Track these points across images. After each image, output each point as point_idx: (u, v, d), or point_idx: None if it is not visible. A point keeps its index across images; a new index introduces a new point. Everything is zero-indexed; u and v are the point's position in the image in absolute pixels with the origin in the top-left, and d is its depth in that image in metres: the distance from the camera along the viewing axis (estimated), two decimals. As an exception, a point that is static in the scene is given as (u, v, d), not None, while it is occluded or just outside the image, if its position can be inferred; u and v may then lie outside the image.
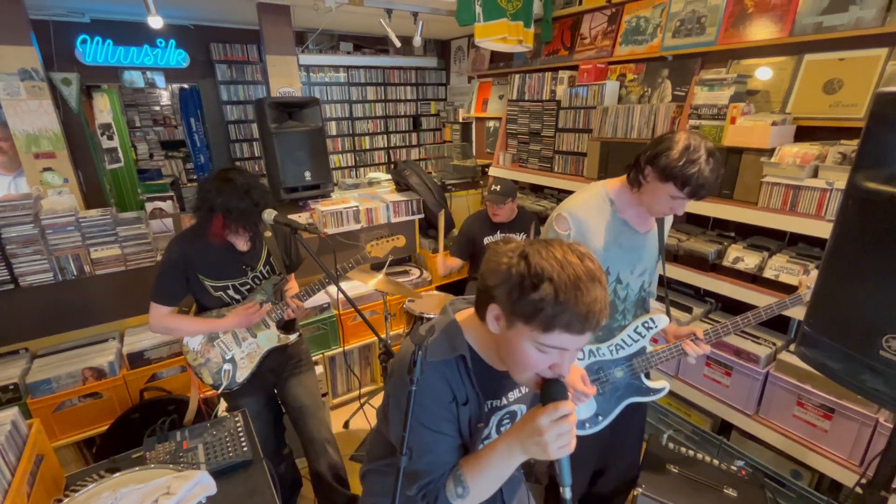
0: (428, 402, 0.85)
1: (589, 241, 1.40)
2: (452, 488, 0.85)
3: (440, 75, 6.16)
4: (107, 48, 4.05)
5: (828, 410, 1.76)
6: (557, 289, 0.71)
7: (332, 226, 2.90)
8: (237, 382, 1.70)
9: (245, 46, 4.79)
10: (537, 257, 0.74)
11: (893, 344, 0.88)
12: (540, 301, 0.71)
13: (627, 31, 2.77)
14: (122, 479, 1.15)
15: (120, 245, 2.26)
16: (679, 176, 1.22)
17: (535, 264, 0.73)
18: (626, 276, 1.48)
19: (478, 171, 3.96)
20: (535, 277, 0.72)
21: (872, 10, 1.79)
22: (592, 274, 0.74)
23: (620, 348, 1.51)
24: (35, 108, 2.99)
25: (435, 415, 0.86)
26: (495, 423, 0.98)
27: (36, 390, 2.01)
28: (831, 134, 1.93)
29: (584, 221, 1.40)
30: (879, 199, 0.88)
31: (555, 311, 0.71)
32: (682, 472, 1.69)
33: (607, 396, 1.53)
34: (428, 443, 0.86)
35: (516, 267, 0.75)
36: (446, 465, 0.88)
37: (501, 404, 0.96)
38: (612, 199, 1.43)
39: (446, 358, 0.87)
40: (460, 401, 0.88)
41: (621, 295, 1.49)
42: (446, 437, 0.87)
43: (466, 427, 0.91)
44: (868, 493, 1.13)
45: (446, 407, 0.87)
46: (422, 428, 0.85)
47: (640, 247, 1.47)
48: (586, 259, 0.76)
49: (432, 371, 0.85)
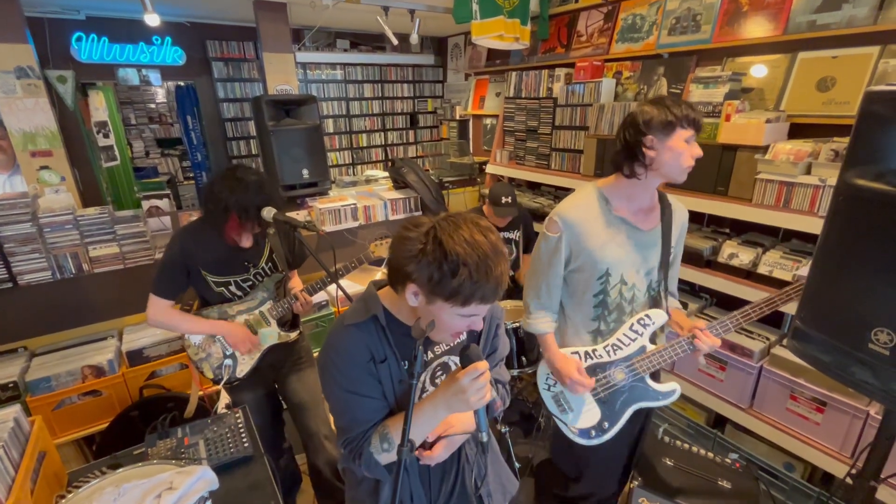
0: (345, 366, 0.93)
1: (583, 242, 1.36)
2: (378, 444, 0.93)
3: (437, 72, 6.16)
4: (102, 45, 4.04)
5: (820, 404, 1.79)
6: (472, 271, 0.79)
7: (330, 223, 2.91)
8: (237, 377, 1.71)
9: (242, 44, 4.78)
10: (450, 242, 0.80)
11: (882, 337, 0.90)
12: (459, 285, 0.80)
13: (623, 28, 2.78)
14: (124, 474, 1.16)
15: (118, 243, 2.27)
16: (682, 116, 1.23)
17: (449, 250, 0.80)
18: (630, 277, 1.39)
19: (475, 169, 3.98)
20: (451, 264, 0.80)
21: (865, 9, 1.81)
22: (496, 248, 0.83)
23: (617, 348, 1.42)
24: (31, 105, 2.98)
25: (352, 378, 0.93)
26: (428, 376, 1.05)
27: (35, 388, 2.01)
28: (824, 131, 1.95)
29: (575, 223, 1.36)
30: (869, 196, 0.90)
31: (472, 290, 0.81)
32: (677, 465, 1.71)
33: (610, 402, 1.45)
34: (347, 403, 0.94)
35: (432, 254, 0.81)
36: (367, 423, 0.95)
37: (428, 358, 1.03)
38: (607, 197, 1.38)
39: (361, 320, 0.94)
40: (378, 359, 0.94)
41: (627, 296, 1.41)
42: (364, 398, 0.94)
43: (390, 383, 0.96)
44: (858, 483, 1.16)
45: (363, 368, 0.93)
46: (341, 391, 0.93)
47: (643, 245, 1.39)
48: (489, 233, 0.84)
49: (348, 335, 0.94)
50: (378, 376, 0.95)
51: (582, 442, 1.48)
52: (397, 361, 0.96)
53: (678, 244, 1.49)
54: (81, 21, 3.92)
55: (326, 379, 0.96)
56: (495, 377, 1.11)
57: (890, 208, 0.87)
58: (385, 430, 0.93)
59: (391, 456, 0.92)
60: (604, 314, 1.43)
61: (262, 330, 1.72)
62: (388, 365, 0.95)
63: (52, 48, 3.75)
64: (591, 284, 1.40)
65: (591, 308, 1.44)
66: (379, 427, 0.95)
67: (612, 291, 1.40)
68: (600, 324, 1.45)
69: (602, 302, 1.42)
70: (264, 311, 1.72)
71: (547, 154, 3.09)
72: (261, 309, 1.72)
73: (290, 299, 1.72)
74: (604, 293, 1.40)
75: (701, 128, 1.28)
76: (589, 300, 1.43)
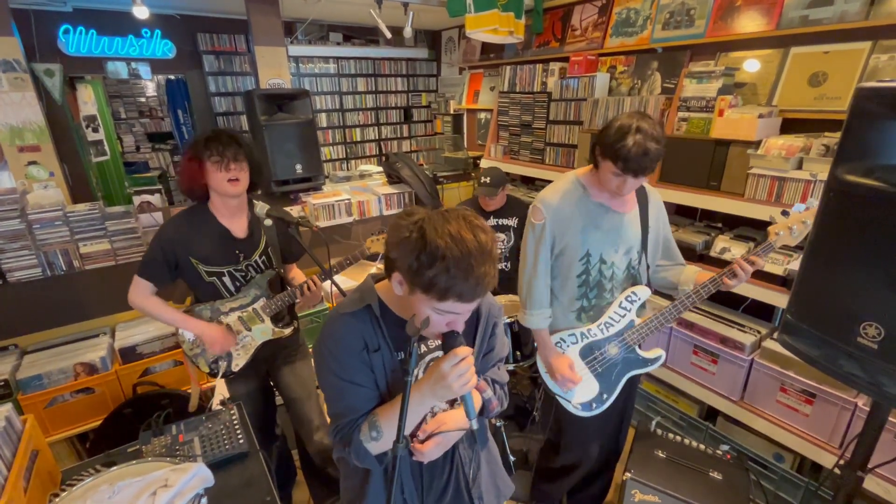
0: (339, 354, 0.94)
1: (565, 226, 1.47)
2: (367, 432, 0.93)
3: (431, 66, 6.13)
4: (90, 38, 3.97)
5: (809, 396, 1.82)
6: (450, 266, 0.78)
7: (323, 219, 2.90)
8: (232, 371, 1.72)
9: (233, 37, 4.72)
10: (433, 233, 0.80)
11: (870, 331, 0.91)
12: (434, 277, 0.79)
13: (618, 22, 2.78)
14: (119, 472, 1.16)
15: (109, 239, 2.24)
16: (619, 151, 1.28)
17: (430, 241, 0.79)
18: (609, 256, 1.50)
19: (469, 163, 3.97)
20: (429, 255, 0.79)
21: (857, 4, 1.82)
22: (483, 248, 0.81)
23: (609, 325, 1.55)
24: (18, 100, 2.93)
25: (346, 365, 0.94)
26: (422, 370, 1.05)
27: (27, 386, 2.00)
28: (816, 126, 1.96)
29: (557, 209, 1.47)
30: (859, 192, 0.91)
31: (448, 285, 0.79)
32: (669, 457, 1.73)
33: (607, 374, 1.58)
34: (340, 390, 0.95)
35: (413, 242, 0.81)
36: (358, 411, 0.96)
37: (422, 352, 1.04)
38: (584, 184, 1.50)
39: (355, 309, 0.96)
40: (371, 348, 0.95)
41: (607, 274, 1.52)
42: (357, 386, 0.95)
43: (382, 372, 0.97)
44: (845, 473, 1.18)
45: (357, 356, 0.95)
46: (335, 377, 0.95)
47: (619, 226, 1.49)
48: (479, 233, 0.82)
49: (343, 324, 0.96)
50: (371, 365, 0.96)
51: (585, 414, 1.61)
52: (390, 351, 0.97)
53: (664, 225, 1.61)
54: (68, 13, 3.84)
55: (321, 366, 0.98)
56: (493, 378, 1.11)
57: (879, 204, 0.88)
58: (374, 419, 0.94)
59: (379, 445, 0.93)
60: (586, 292, 1.55)
61: (255, 326, 1.72)
62: (381, 354, 0.96)
63: (39, 41, 3.68)
64: (573, 266, 1.51)
65: (575, 288, 1.54)
66: (369, 415, 0.96)
67: (592, 271, 1.52)
68: (583, 301, 1.57)
69: (585, 281, 1.53)
70: (258, 308, 1.71)
71: (541, 149, 3.09)
72: (254, 306, 1.71)
73: (284, 296, 1.71)
74: (586, 273, 1.52)
75: (638, 176, 1.32)
76: (573, 280, 1.54)
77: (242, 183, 1.57)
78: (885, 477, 1.61)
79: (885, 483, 1.61)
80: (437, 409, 1.06)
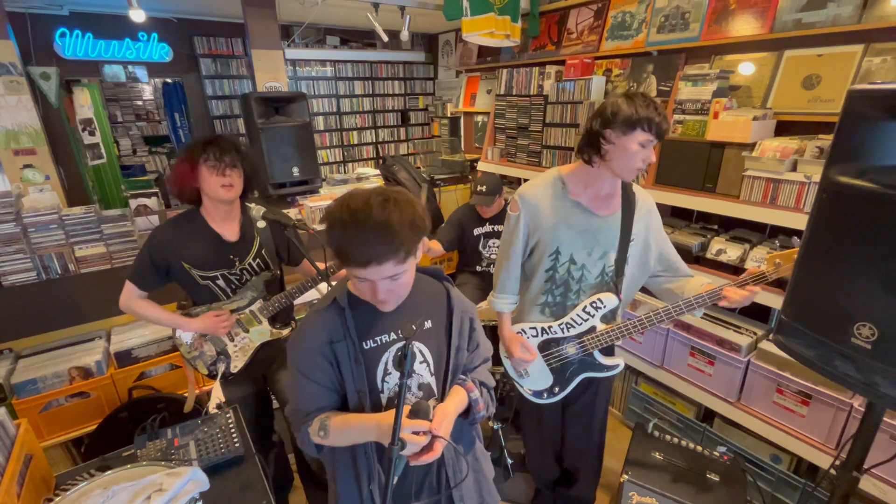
0: (300, 348, 1.01)
1: (539, 220, 1.47)
2: (317, 429, 0.98)
3: (428, 69, 6.14)
4: (87, 42, 3.97)
5: (805, 397, 1.82)
6: (338, 231, 0.87)
7: (320, 221, 2.90)
8: (231, 372, 1.72)
9: (230, 40, 4.72)
10: (334, 206, 0.90)
11: (864, 331, 0.92)
12: (330, 241, 0.88)
13: (613, 26, 2.79)
14: (113, 476, 1.15)
15: (105, 243, 2.23)
16: (646, 118, 1.27)
17: (329, 212, 0.89)
18: (580, 258, 1.48)
19: (466, 166, 3.98)
20: (328, 224, 0.88)
21: (849, 7, 1.83)
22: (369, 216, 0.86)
23: (570, 327, 1.55)
24: (13, 103, 2.92)
25: (307, 362, 1.00)
26: (391, 357, 1.04)
27: (21, 391, 1.98)
28: (810, 128, 1.98)
29: (532, 203, 1.47)
30: (851, 193, 0.91)
31: (340, 248, 0.87)
32: (666, 459, 1.73)
33: (562, 371, 1.61)
34: (298, 384, 1.01)
35: (324, 217, 0.91)
36: (312, 405, 1.01)
37: (389, 339, 1.04)
38: (565, 181, 1.47)
39: (324, 305, 1.03)
40: (336, 339, 1.00)
41: (575, 276, 1.51)
42: (314, 383, 1.00)
43: (347, 362, 1.00)
44: (841, 474, 1.18)
45: (319, 351, 0.99)
46: (294, 370, 1.02)
47: (595, 229, 1.46)
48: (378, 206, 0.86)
49: (310, 321, 1.02)
50: (336, 358, 1.00)
51: (535, 401, 1.69)
52: (353, 340, 1.00)
53: (657, 233, 1.55)
54: (65, 16, 3.84)
55: (288, 359, 1.05)
56: (480, 380, 1.10)
57: (871, 205, 0.88)
58: (326, 421, 0.98)
59: (326, 442, 0.98)
60: (551, 288, 1.55)
61: (253, 328, 1.72)
62: (346, 344, 1.00)
63: (35, 44, 3.67)
64: (542, 261, 1.51)
65: (542, 282, 1.55)
66: (322, 415, 0.99)
67: (560, 269, 1.51)
68: (547, 297, 1.57)
69: (551, 277, 1.53)
70: (255, 310, 1.71)
71: (538, 151, 3.10)
72: (251, 308, 1.71)
73: (279, 300, 1.71)
74: (553, 270, 1.52)
75: (664, 136, 1.32)
76: (541, 275, 1.54)
77: (236, 189, 1.57)
78: (881, 477, 1.62)
79: (881, 484, 1.61)
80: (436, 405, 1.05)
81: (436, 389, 1.07)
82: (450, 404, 1.00)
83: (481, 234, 2.73)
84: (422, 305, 1.07)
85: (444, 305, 1.10)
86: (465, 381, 1.07)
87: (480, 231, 2.73)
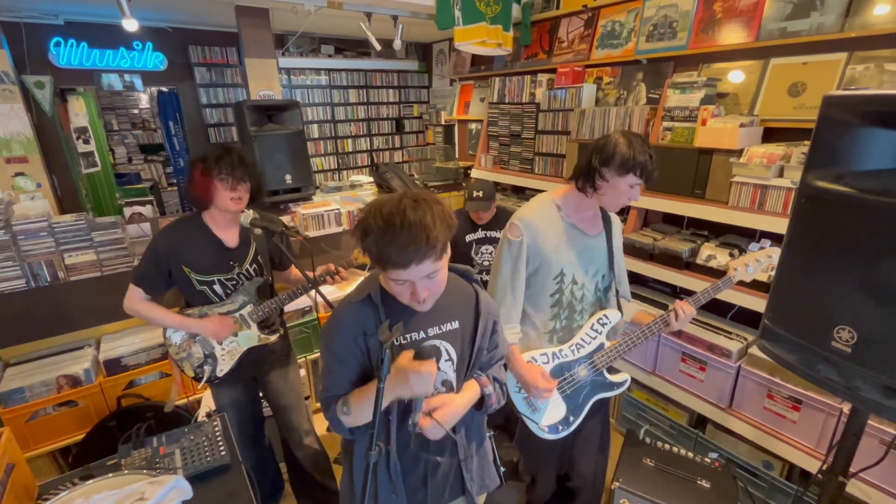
0: (335, 331, 1.05)
1: (541, 244, 1.47)
2: (341, 407, 1.04)
3: (422, 78, 6.19)
4: (81, 51, 3.98)
5: (796, 402, 1.82)
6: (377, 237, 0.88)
7: (313, 228, 2.90)
8: (217, 376, 1.72)
9: (224, 49, 4.75)
10: (364, 212, 0.91)
11: (844, 335, 0.92)
12: (369, 248, 0.90)
13: (603, 34, 2.82)
14: (95, 485, 1.14)
15: (95, 250, 2.23)
16: (641, 164, 1.35)
17: (362, 221, 0.91)
18: (580, 278, 1.52)
19: (460, 173, 3.99)
20: (363, 232, 0.90)
21: (832, 16, 1.86)
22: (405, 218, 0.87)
23: (580, 347, 1.56)
24: (6, 111, 2.93)
25: (341, 346, 1.04)
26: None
27: (8, 400, 1.96)
28: (796, 135, 2.00)
29: (534, 227, 1.47)
30: (829, 197, 0.93)
31: (380, 253, 0.89)
32: (657, 466, 1.73)
33: (575, 397, 1.57)
34: (332, 366, 1.06)
35: (356, 227, 0.93)
36: (340, 387, 1.06)
37: (420, 337, 1.08)
38: (559, 205, 1.52)
39: (358, 298, 1.05)
40: (369, 332, 1.04)
41: (577, 295, 1.54)
42: (345, 367, 1.05)
43: (378, 356, 1.02)
44: (828, 479, 1.18)
45: (353, 340, 1.04)
46: (328, 351, 1.06)
47: (590, 248, 1.53)
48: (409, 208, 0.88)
49: (345, 309, 1.06)
50: (368, 349, 1.04)
51: (551, 437, 1.57)
52: None
53: (618, 249, 1.63)
54: (60, 26, 3.86)
55: (321, 342, 1.09)
56: (494, 376, 1.16)
57: (848, 208, 0.89)
58: (347, 398, 1.03)
59: (350, 419, 1.03)
60: (559, 313, 1.55)
61: (241, 332, 1.72)
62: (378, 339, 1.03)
63: (30, 53, 3.68)
64: (547, 285, 1.51)
65: (548, 308, 1.55)
66: (345, 395, 1.05)
67: (566, 290, 1.53)
68: (556, 323, 1.57)
69: (558, 301, 1.54)
70: (244, 315, 1.71)
71: (530, 158, 3.11)
72: (241, 312, 1.71)
73: (271, 304, 1.72)
74: (559, 292, 1.53)
75: (651, 181, 1.41)
76: (547, 300, 1.54)
77: (244, 201, 1.65)
78: (869, 482, 1.61)
79: (868, 488, 1.61)
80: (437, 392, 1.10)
81: (455, 386, 1.13)
82: (459, 397, 1.07)
83: (473, 241, 2.73)
84: (452, 307, 1.10)
85: (473, 308, 1.13)
86: (480, 377, 1.13)
87: (472, 237, 2.73)
